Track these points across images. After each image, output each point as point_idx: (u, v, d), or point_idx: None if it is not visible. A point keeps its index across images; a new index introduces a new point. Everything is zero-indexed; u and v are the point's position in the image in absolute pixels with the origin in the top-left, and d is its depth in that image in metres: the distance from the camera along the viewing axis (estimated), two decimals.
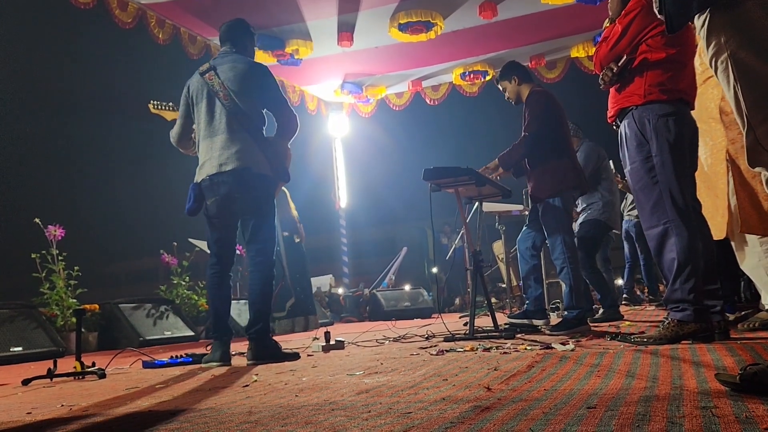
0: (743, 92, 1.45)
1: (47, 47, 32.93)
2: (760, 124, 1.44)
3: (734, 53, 1.45)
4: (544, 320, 4.13)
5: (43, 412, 1.98)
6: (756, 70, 1.43)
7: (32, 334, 4.88)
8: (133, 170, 39.51)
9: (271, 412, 1.65)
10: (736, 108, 1.49)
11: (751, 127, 1.46)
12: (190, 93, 3.51)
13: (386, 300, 9.19)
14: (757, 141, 1.45)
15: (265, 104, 3.47)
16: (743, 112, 1.46)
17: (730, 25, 1.46)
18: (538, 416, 1.34)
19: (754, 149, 1.46)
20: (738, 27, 1.44)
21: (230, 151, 3.31)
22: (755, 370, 1.43)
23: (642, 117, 2.85)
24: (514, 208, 6.53)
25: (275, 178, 3.45)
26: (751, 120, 1.46)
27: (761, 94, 1.43)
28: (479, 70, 9.43)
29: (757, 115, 1.44)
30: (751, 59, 1.43)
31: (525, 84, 4.20)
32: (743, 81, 1.45)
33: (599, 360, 2.31)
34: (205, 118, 3.40)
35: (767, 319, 3.29)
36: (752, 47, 1.43)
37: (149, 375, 3.05)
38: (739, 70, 1.45)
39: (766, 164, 1.45)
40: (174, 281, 6.96)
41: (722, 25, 1.47)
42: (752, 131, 1.46)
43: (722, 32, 1.47)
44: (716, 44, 1.49)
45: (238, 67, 3.43)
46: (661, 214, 2.78)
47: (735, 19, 1.45)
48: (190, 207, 3.40)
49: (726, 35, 1.46)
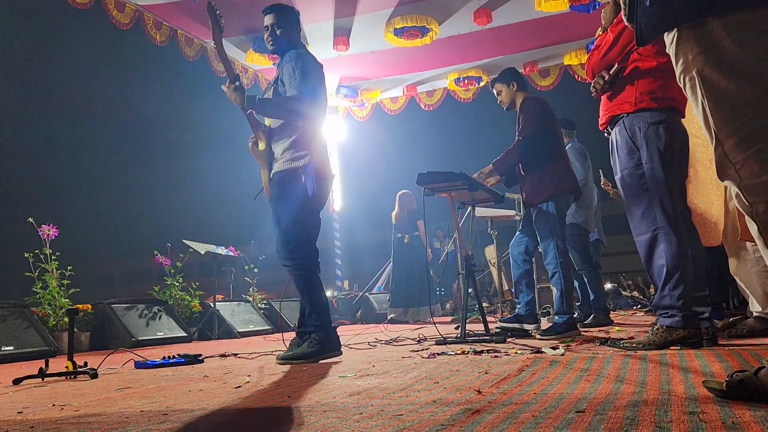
0: (710, 108, 1.49)
1: (43, 49, 32.80)
2: (727, 139, 1.47)
3: (701, 71, 1.48)
4: (535, 325, 4.16)
5: (35, 411, 1.98)
6: (721, 88, 1.46)
7: (24, 333, 4.86)
8: (128, 171, 39.43)
9: (263, 413, 1.66)
10: (705, 123, 1.53)
11: (719, 142, 1.49)
12: (319, 71, 3.45)
13: (378, 303, 9.21)
14: (725, 155, 1.49)
15: None
16: (711, 127, 1.50)
17: (695, 43, 1.49)
18: (527, 420, 1.36)
19: (722, 163, 1.50)
20: (703, 45, 1.48)
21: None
22: (741, 377, 1.45)
23: (633, 124, 2.88)
24: (507, 213, 6.55)
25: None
26: (719, 135, 1.49)
27: (727, 110, 1.46)
28: (473, 76, 9.48)
29: (724, 130, 1.47)
30: (717, 77, 1.46)
31: (521, 91, 4.24)
32: (710, 97, 1.48)
33: (589, 364, 2.33)
34: (324, 107, 3.44)
35: (755, 325, 3.32)
36: (718, 65, 1.46)
37: (141, 375, 3.05)
38: (705, 87, 1.49)
39: (734, 178, 1.49)
40: (167, 282, 6.95)
41: (688, 42, 1.51)
42: (720, 146, 1.49)
43: (689, 50, 1.51)
44: (684, 61, 1.53)
45: None
46: (650, 221, 2.81)
47: (700, 37, 1.48)
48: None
49: (692, 53, 1.50)
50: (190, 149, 44.74)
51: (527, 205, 4.14)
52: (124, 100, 25.05)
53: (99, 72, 27.18)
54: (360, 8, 7.43)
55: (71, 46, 22.46)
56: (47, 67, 33.73)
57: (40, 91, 34.27)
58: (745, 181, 1.47)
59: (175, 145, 50.54)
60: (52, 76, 34.16)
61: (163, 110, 44.84)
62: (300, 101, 3.21)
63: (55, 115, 36.82)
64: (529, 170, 4.10)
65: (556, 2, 6.92)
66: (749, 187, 1.47)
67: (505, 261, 7.22)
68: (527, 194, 4.11)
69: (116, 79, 30.53)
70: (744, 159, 1.45)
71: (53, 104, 35.74)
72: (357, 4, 7.35)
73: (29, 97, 32.85)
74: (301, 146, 3.27)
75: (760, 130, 1.43)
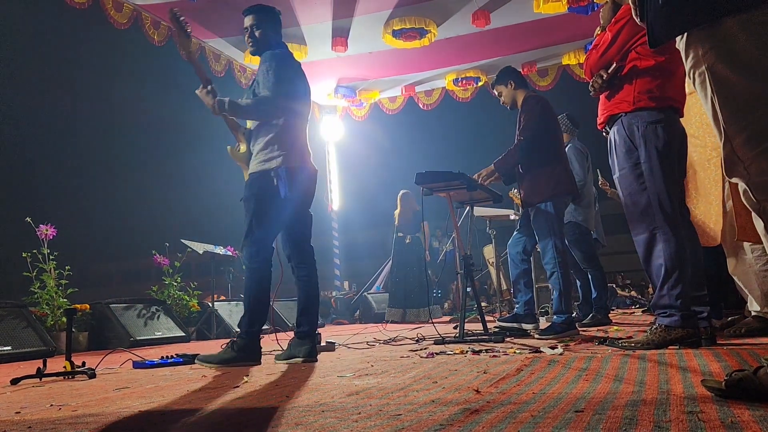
0: (720, 104, 1.48)
1: (40, 49, 32.77)
2: (736, 135, 1.47)
3: (711, 66, 1.48)
4: (534, 324, 4.16)
5: (32, 411, 1.97)
6: (732, 83, 1.46)
7: (22, 333, 4.85)
8: (126, 171, 39.41)
9: (261, 413, 1.66)
10: (714, 119, 1.52)
11: (728, 138, 1.49)
12: (290, 71, 3.37)
13: (377, 303, 9.21)
14: (734, 152, 1.48)
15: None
16: (720, 123, 1.50)
17: (708, 39, 1.49)
18: (526, 419, 1.36)
19: (731, 160, 1.49)
20: (716, 41, 1.47)
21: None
22: (740, 377, 1.45)
23: (631, 124, 2.88)
24: (505, 213, 6.55)
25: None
26: (728, 131, 1.49)
27: (737, 106, 1.46)
28: (472, 77, 9.49)
29: (733, 126, 1.47)
30: (728, 73, 1.46)
31: (521, 89, 4.23)
32: (720, 93, 1.48)
33: (587, 364, 2.33)
34: (301, 106, 3.40)
35: (753, 325, 3.32)
36: (729, 61, 1.46)
37: (139, 375, 3.05)
38: (716, 83, 1.48)
39: (742, 175, 1.48)
40: (166, 282, 6.94)
41: (700, 38, 1.51)
42: (729, 142, 1.49)
43: (700, 45, 1.51)
44: (694, 56, 1.53)
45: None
46: (649, 221, 2.81)
47: (713, 33, 1.48)
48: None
49: (704, 48, 1.50)
50: (188, 148, 44.70)
51: (525, 205, 4.14)
52: (122, 100, 25.03)
53: (97, 72, 27.10)
54: (359, 10, 7.43)
55: (69, 45, 22.47)
56: (44, 67, 33.73)
57: (37, 91, 34.27)
58: (753, 179, 1.46)
59: (173, 144, 50.46)
60: (49, 76, 34.18)
61: (162, 110, 44.85)
62: (270, 102, 3.20)
63: (52, 114, 36.81)
64: (527, 170, 4.10)
65: (555, 4, 6.91)
66: (758, 185, 1.46)
67: (504, 260, 7.22)
68: (525, 194, 4.11)
69: (114, 79, 30.49)
70: (753, 156, 1.45)
71: (51, 104, 35.74)
72: (355, 6, 7.35)
73: (27, 97, 32.85)
74: (275, 147, 3.25)
75: None
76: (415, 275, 8.21)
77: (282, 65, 3.29)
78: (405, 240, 8.42)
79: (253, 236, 3.26)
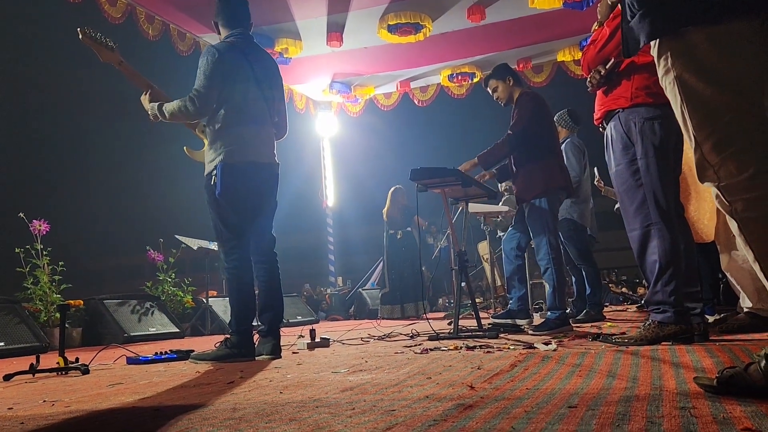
0: (689, 112, 1.55)
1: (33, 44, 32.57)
2: (705, 141, 1.53)
3: (680, 75, 1.55)
4: (528, 320, 4.17)
5: (25, 407, 1.97)
6: (699, 92, 1.52)
7: (15, 329, 4.83)
8: (120, 166, 39.23)
9: (256, 409, 1.65)
10: (683, 125, 1.58)
11: (698, 144, 1.54)
12: (225, 65, 3.21)
13: (372, 299, 9.22)
14: (704, 157, 1.54)
15: (281, 105, 3.49)
16: (690, 130, 1.56)
17: (676, 49, 1.56)
18: (519, 415, 1.36)
19: (702, 165, 1.55)
20: (683, 51, 1.54)
21: (271, 144, 3.36)
22: (732, 373, 1.46)
23: (628, 120, 2.88)
24: (499, 210, 6.56)
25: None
26: (697, 137, 1.54)
27: (705, 113, 1.52)
28: (467, 72, 9.48)
29: (702, 132, 1.53)
30: (695, 81, 1.52)
31: (517, 86, 4.24)
32: (688, 101, 1.54)
33: (581, 360, 2.34)
34: (242, 99, 3.25)
35: (745, 321, 3.34)
36: (696, 70, 1.52)
37: (133, 371, 3.04)
38: (684, 91, 1.55)
39: (713, 179, 1.54)
40: (160, 277, 6.93)
41: (669, 48, 1.57)
42: (699, 148, 1.55)
43: (669, 55, 1.57)
44: (665, 65, 1.59)
45: (268, 60, 3.45)
46: (644, 217, 2.81)
47: (679, 43, 1.54)
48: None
49: (672, 58, 1.56)
50: (181, 144, 44.48)
51: (519, 201, 4.14)
52: (116, 95, 24.84)
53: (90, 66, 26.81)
54: (354, 5, 7.41)
55: (62, 40, 22.25)
56: (37, 61, 33.51)
57: (29, 85, 34.03)
58: (723, 182, 1.52)
59: (166, 139, 50.29)
60: (42, 70, 33.95)
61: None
62: (193, 99, 3.15)
63: (45, 109, 36.60)
64: (521, 166, 4.10)
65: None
66: (728, 187, 1.52)
67: (498, 257, 7.23)
68: (519, 190, 4.12)
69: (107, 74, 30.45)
70: (721, 160, 1.51)
71: (44, 99, 35.52)
72: (351, 1, 7.33)
73: (18, 92, 32.64)
74: (218, 144, 3.23)
75: (737, 132, 1.49)
76: (409, 269, 8.21)
77: (209, 61, 3.18)
78: (396, 236, 8.41)
79: (222, 237, 3.28)
